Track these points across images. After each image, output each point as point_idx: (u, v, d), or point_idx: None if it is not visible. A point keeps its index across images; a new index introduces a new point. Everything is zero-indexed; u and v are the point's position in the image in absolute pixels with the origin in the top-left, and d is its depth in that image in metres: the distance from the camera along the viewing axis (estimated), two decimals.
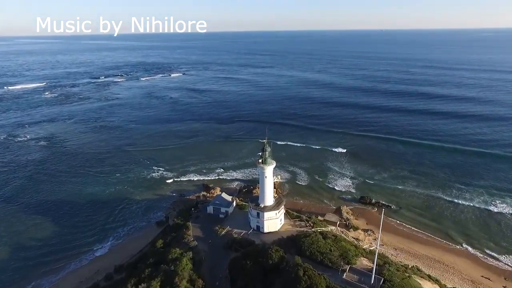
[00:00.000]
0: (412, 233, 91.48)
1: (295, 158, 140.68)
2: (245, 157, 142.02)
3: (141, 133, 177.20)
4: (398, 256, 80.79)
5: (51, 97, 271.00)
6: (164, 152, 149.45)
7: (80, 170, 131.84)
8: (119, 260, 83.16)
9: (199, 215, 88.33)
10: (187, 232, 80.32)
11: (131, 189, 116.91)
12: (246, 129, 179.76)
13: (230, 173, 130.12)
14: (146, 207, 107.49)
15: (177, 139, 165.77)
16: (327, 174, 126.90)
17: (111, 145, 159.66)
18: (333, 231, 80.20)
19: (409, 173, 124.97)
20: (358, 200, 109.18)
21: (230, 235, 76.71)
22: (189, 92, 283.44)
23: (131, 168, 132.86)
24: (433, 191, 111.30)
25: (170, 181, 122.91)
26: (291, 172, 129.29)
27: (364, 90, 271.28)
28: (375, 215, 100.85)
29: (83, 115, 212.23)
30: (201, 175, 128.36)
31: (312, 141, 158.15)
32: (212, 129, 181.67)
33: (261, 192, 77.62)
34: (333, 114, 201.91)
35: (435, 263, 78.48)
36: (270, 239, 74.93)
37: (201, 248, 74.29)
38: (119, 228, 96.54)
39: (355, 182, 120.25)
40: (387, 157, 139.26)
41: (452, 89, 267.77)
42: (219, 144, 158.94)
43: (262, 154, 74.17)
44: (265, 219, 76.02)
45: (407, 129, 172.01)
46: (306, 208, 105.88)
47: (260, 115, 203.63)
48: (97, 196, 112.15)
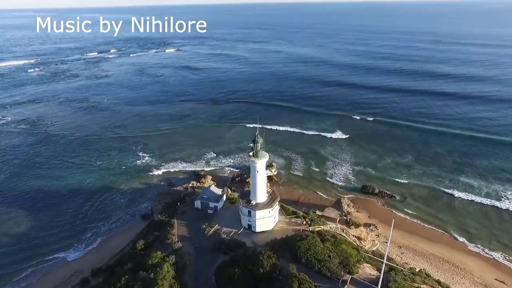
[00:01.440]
0: (417, 228, 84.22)
1: (292, 143, 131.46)
2: (239, 142, 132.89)
3: (128, 115, 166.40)
4: (404, 255, 73.76)
5: (37, 75, 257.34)
6: (152, 137, 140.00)
7: (60, 157, 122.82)
8: (99, 260, 76.23)
9: (185, 211, 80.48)
10: (172, 231, 72.72)
11: (115, 178, 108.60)
12: (240, 110, 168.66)
13: (222, 159, 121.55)
14: (130, 198, 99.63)
15: (167, 122, 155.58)
16: (326, 161, 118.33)
17: (96, 129, 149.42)
18: (332, 229, 72.61)
19: (414, 160, 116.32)
20: (359, 189, 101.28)
21: (219, 235, 69.06)
22: (182, 70, 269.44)
23: (116, 155, 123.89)
24: (440, 180, 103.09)
25: (158, 169, 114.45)
26: (287, 158, 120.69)
27: (366, 68, 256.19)
28: (378, 207, 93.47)
29: (69, 95, 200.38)
30: (192, 162, 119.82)
31: (310, 125, 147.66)
32: (205, 110, 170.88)
33: (253, 188, 69.19)
34: (332, 95, 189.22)
35: (443, 264, 71.51)
36: (263, 240, 67.44)
37: (186, 251, 66.89)
38: (100, 223, 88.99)
39: (356, 170, 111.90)
40: (390, 142, 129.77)
41: (459, 66, 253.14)
42: (211, 127, 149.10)
43: (254, 146, 64.99)
44: (257, 218, 68.12)
45: (411, 111, 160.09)
46: (304, 199, 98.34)
47: (256, 95, 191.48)
48: (78, 187, 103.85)
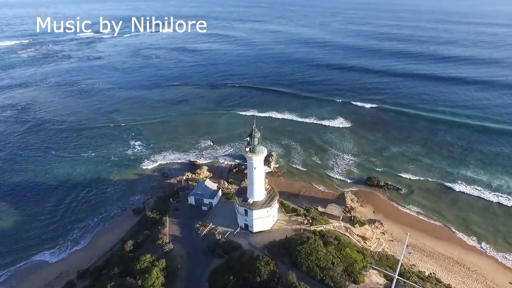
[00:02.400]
0: (425, 225, 79.17)
1: (291, 131, 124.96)
2: (236, 130, 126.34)
3: (120, 100, 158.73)
4: (411, 256, 69.10)
5: (27, 56, 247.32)
6: (145, 124, 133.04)
7: (47, 147, 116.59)
8: (86, 259, 71.80)
9: (178, 207, 75.25)
10: (163, 230, 67.66)
11: (105, 169, 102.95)
12: (238, 96, 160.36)
13: (219, 148, 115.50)
14: (122, 190, 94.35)
15: (161, 109, 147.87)
16: (328, 150, 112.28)
17: (86, 115, 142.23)
18: (335, 228, 67.53)
19: (421, 149, 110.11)
20: (364, 181, 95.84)
21: (213, 236, 64.00)
22: (178, 51, 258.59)
23: (106, 144, 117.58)
24: (449, 173, 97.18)
25: (151, 159, 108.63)
26: (286, 147, 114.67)
27: (370, 49, 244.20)
28: (384, 200, 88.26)
29: (60, 78, 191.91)
30: (187, 151, 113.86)
31: (310, 111, 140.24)
32: (201, 95, 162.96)
33: (250, 185, 63.53)
34: (334, 79, 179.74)
35: (454, 265, 66.93)
36: (260, 241, 62.42)
37: (178, 253, 61.98)
38: (88, 218, 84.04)
39: (359, 160, 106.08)
40: (395, 131, 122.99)
41: (468, 47, 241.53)
42: (207, 114, 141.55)
43: (250, 141, 58.77)
44: (254, 218, 62.86)
45: (417, 97, 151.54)
46: (305, 192, 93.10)
47: (255, 80, 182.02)
48: (65, 179, 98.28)
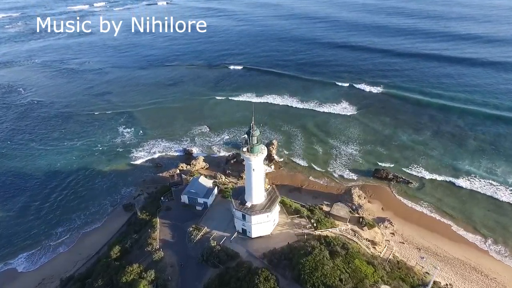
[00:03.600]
0: (438, 224, 72.97)
1: (292, 117, 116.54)
2: (234, 114, 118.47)
3: (110, 82, 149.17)
4: (424, 261, 63.31)
5: (14, 31, 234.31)
6: (136, 109, 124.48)
7: (31, 134, 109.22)
8: (71, 262, 66.76)
9: (170, 206, 68.93)
10: (153, 234, 61.63)
11: (93, 160, 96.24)
12: (236, 79, 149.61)
13: (215, 137, 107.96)
14: (111, 183, 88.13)
15: (153, 92, 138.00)
16: (332, 138, 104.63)
17: (73, 99, 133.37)
18: (342, 232, 61.45)
19: (433, 139, 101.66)
20: (371, 173, 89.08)
21: (208, 241, 57.93)
22: (173, 27, 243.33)
23: (93, 131, 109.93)
24: (463, 165, 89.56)
25: (142, 148, 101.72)
26: (287, 134, 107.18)
27: (377, 26, 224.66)
28: (393, 196, 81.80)
29: (46, 56, 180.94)
30: (181, 139, 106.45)
31: (312, 95, 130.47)
32: (197, 76, 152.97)
33: (248, 188, 56.75)
34: (338, 60, 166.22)
35: (470, 272, 61.38)
36: (259, 249, 56.48)
37: (168, 262, 56.29)
38: (74, 214, 78.23)
39: (366, 149, 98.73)
40: (404, 117, 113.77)
41: (484, 23, 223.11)
42: (203, 97, 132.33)
43: (248, 140, 51.26)
44: (252, 223, 56.57)
45: (428, 80, 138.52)
46: (308, 185, 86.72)
47: (254, 60, 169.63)
48: (49, 170, 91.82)
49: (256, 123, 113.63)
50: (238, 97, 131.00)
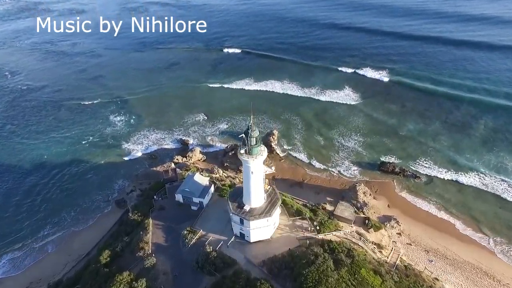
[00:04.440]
0: (446, 224, 68.95)
1: (293, 106, 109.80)
2: (233, 101, 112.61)
3: (102, 66, 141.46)
4: (433, 265, 59.89)
5: (2, 9, 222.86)
6: (129, 95, 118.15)
7: (16, 123, 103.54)
8: (61, 265, 63.64)
9: (164, 206, 64.80)
10: (145, 237, 57.81)
11: (83, 151, 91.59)
12: (234, 61, 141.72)
13: (213, 124, 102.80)
14: (103, 177, 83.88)
15: (147, 76, 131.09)
16: (334, 128, 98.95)
17: (61, 84, 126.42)
18: (346, 236, 57.60)
19: (442, 130, 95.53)
20: (377, 167, 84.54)
21: (203, 246, 54.12)
22: (170, 6, 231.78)
23: (84, 120, 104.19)
24: (474, 161, 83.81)
25: (135, 138, 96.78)
26: (286, 123, 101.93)
27: (382, 5, 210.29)
28: (399, 192, 77.50)
29: (35, 38, 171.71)
30: (177, 128, 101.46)
31: (314, 81, 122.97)
32: (194, 59, 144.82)
33: (246, 191, 52.31)
34: (341, 43, 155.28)
35: (482, 277, 58.03)
36: (258, 255, 52.71)
37: (161, 268, 52.66)
38: (64, 211, 74.37)
39: (371, 141, 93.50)
40: (412, 105, 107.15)
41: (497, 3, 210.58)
42: (200, 83, 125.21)
43: (246, 141, 46.20)
44: (251, 228, 52.55)
45: (438, 66, 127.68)
46: (309, 179, 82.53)
47: (253, 42, 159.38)
48: (36, 163, 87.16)
49: (255, 111, 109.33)
50: (236, 83, 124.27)
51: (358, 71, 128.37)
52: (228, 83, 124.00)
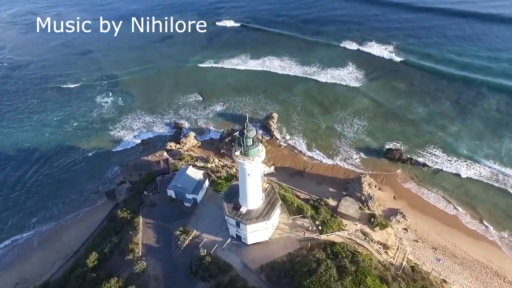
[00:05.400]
0: (455, 217, 65.31)
1: (292, 86, 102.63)
2: (227, 82, 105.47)
3: (88, 40, 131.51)
4: (441, 264, 56.75)
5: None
6: (118, 73, 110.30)
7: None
8: (48, 264, 60.38)
9: (155, 201, 60.43)
10: (135, 238, 53.91)
11: (70, 137, 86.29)
12: (230, 39, 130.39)
13: (208, 108, 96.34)
14: (92, 165, 79.20)
15: (137, 52, 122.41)
16: (337, 110, 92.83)
17: (45, 61, 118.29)
18: (350, 236, 53.78)
19: (454, 114, 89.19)
20: (382, 154, 79.66)
21: (197, 248, 50.36)
22: None
23: (69, 102, 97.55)
24: (488, 149, 78.28)
25: (125, 120, 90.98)
26: (285, 104, 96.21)
27: None
28: (406, 181, 73.13)
29: (17, 7, 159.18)
30: (169, 111, 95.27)
31: (315, 57, 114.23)
32: (187, 37, 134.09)
33: (242, 192, 47.60)
34: (345, 16, 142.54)
35: (492, 278, 55.01)
36: (256, 259, 49.00)
37: (152, 273, 49.19)
38: (51, 203, 70.24)
39: (376, 125, 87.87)
40: (420, 87, 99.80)
41: None
42: (194, 60, 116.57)
43: (241, 142, 40.67)
44: (248, 232, 48.47)
45: (448, 43, 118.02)
46: (311, 168, 77.95)
47: (251, 14, 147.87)
48: (19, 150, 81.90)
49: (251, 90, 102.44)
50: (231, 59, 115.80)
51: (363, 47, 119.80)
52: (223, 60, 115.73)
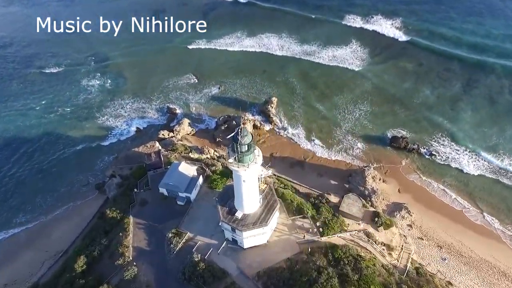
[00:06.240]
0: (462, 213, 62.42)
1: (291, 69, 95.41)
2: (222, 61, 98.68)
3: (75, 11, 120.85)
4: (446, 264, 54.45)
5: None
6: (105, 52, 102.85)
7: None
8: (38, 263, 57.85)
9: (146, 199, 56.92)
10: (125, 240, 50.91)
11: (56, 124, 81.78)
12: (226, 9, 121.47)
13: (203, 91, 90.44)
14: (80, 155, 75.39)
15: (126, 29, 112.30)
16: (339, 96, 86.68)
17: (25, 39, 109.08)
18: (353, 238, 50.89)
19: (465, 99, 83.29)
20: (387, 142, 75.43)
21: (190, 252, 47.55)
22: None
23: (53, 86, 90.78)
24: (501, 138, 73.58)
25: (114, 105, 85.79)
26: (282, 86, 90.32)
27: None
28: (413, 173, 69.54)
29: None
30: (161, 95, 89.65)
31: (314, 35, 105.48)
32: (181, 4, 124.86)
33: (238, 197, 43.85)
34: None
35: (500, 280, 52.90)
36: (253, 264, 46.24)
37: (143, 281, 46.63)
38: (40, 197, 66.93)
39: (380, 110, 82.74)
40: (430, 70, 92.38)
41: None
42: (187, 37, 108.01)
43: (235, 148, 36.22)
44: (244, 237, 45.36)
45: (460, 18, 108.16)
46: (312, 158, 74.00)
47: None
48: (2, 139, 77.15)
49: (246, 71, 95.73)
50: (226, 37, 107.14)
51: (367, 25, 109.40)
52: (217, 38, 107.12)
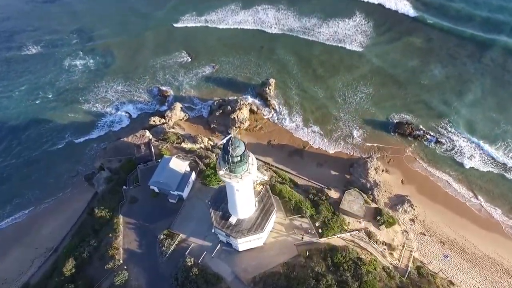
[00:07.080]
0: (467, 206, 59.78)
1: (289, 43, 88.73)
2: (215, 37, 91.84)
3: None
4: (448, 261, 52.78)
5: None
6: (87, 30, 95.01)
7: None
8: (28, 261, 56.30)
9: (136, 197, 53.93)
10: (114, 242, 48.66)
11: (40, 110, 76.95)
12: None
13: (197, 73, 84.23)
14: (67, 145, 72.06)
15: (111, 3, 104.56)
16: (338, 73, 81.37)
17: (12, 20, 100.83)
18: (354, 238, 48.63)
19: (477, 79, 77.72)
20: (392, 128, 71.21)
21: (183, 256, 45.45)
22: None
23: (34, 68, 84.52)
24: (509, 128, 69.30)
25: (100, 89, 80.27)
26: (279, 65, 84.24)
27: None
28: (417, 162, 66.20)
29: None
30: (151, 76, 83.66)
31: (315, 10, 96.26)
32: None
33: (231, 203, 40.75)
34: None
35: (502, 277, 51.50)
36: (248, 268, 44.40)
37: (135, 285, 44.98)
38: (26, 189, 64.18)
39: (384, 92, 77.35)
40: (440, 46, 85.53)
41: None
42: (178, 12, 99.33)
43: (226, 158, 32.36)
44: (239, 243, 42.95)
45: None
46: (310, 146, 70.23)
47: None
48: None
49: (240, 49, 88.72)
50: (219, 10, 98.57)
51: (370, 2, 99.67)
52: (210, 11, 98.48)
